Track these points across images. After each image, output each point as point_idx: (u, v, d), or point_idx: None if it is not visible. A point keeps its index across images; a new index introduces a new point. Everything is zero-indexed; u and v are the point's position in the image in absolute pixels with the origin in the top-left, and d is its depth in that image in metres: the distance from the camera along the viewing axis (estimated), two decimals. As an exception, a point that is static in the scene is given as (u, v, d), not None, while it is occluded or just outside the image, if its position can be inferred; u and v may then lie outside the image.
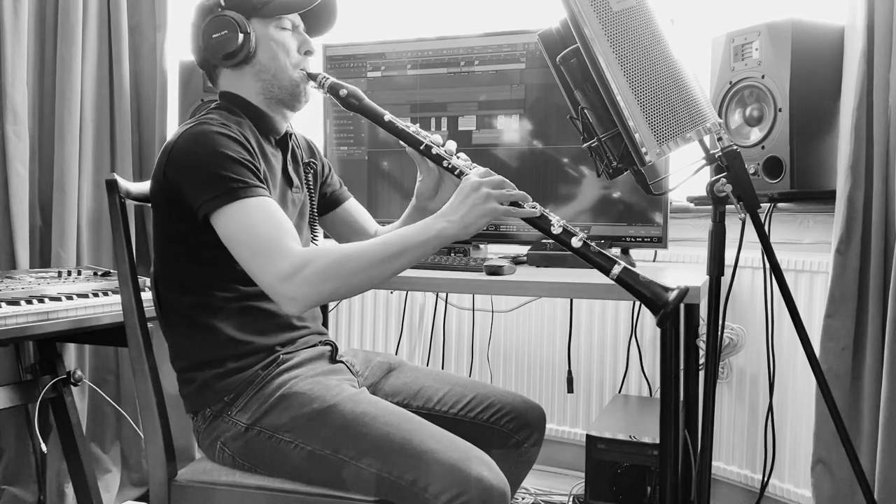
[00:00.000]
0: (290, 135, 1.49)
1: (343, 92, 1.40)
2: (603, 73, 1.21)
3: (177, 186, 1.26)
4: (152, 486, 1.36)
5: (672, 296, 1.18)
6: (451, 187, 1.46)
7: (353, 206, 1.66)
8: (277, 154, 1.44)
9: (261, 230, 1.22)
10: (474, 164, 1.35)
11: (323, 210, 1.62)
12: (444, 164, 1.36)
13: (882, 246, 1.70)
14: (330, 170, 1.66)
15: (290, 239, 1.23)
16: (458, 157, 1.37)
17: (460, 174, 1.33)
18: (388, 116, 1.40)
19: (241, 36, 1.34)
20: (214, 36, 1.35)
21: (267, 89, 1.39)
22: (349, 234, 1.65)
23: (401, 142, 1.40)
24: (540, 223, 1.26)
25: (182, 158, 1.27)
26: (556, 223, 1.25)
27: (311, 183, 1.54)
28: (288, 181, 1.44)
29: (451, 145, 1.40)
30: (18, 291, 1.65)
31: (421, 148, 1.38)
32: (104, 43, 2.35)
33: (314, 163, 1.57)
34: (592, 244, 1.23)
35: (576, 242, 1.23)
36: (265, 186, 1.28)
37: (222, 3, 1.36)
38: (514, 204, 1.25)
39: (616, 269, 1.21)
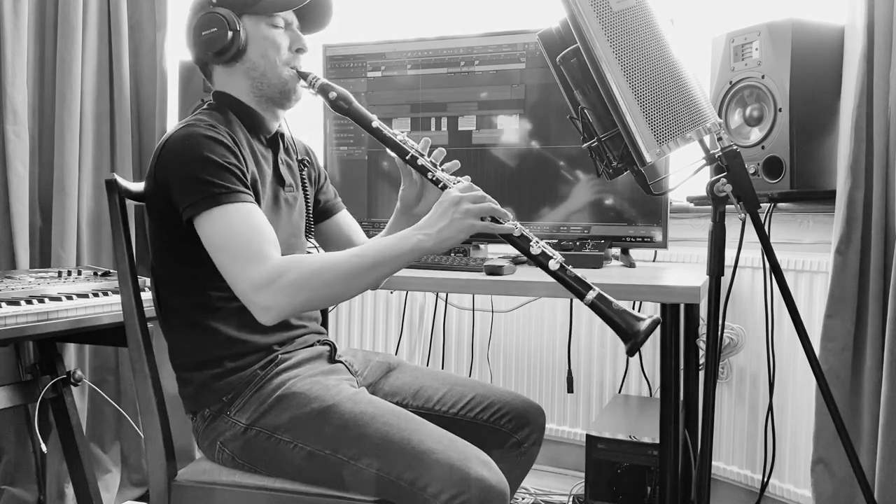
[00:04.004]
0: (282, 135, 1.48)
1: (333, 94, 1.38)
2: (603, 73, 1.21)
3: (166, 188, 1.27)
4: (152, 486, 1.36)
5: (643, 326, 1.18)
6: (435, 193, 1.44)
7: (345, 219, 1.65)
8: (268, 153, 1.44)
9: (239, 236, 1.21)
10: (458, 178, 1.34)
11: (315, 219, 1.60)
12: (429, 175, 1.35)
13: (882, 246, 1.70)
14: (326, 179, 1.65)
15: (269, 245, 1.23)
16: (442, 170, 1.36)
17: (444, 187, 1.32)
18: (375, 123, 1.39)
19: (230, 33, 1.33)
20: (204, 33, 1.34)
21: (257, 87, 1.38)
22: (337, 245, 1.63)
23: (388, 149, 1.40)
24: (519, 242, 1.25)
25: (169, 161, 1.27)
26: (535, 244, 1.24)
27: (306, 182, 1.54)
28: (280, 180, 1.44)
29: (439, 154, 1.39)
30: (18, 291, 1.65)
31: (406, 158, 1.37)
32: (104, 43, 2.35)
33: (308, 161, 1.56)
34: (569, 268, 1.23)
35: (553, 265, 1.22)
36: (249, 192, 1.27)
37: (213, 0, 1.35)
38: (494, 220, 1.24)
39: (591, 295, 1.21)
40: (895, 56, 1.65)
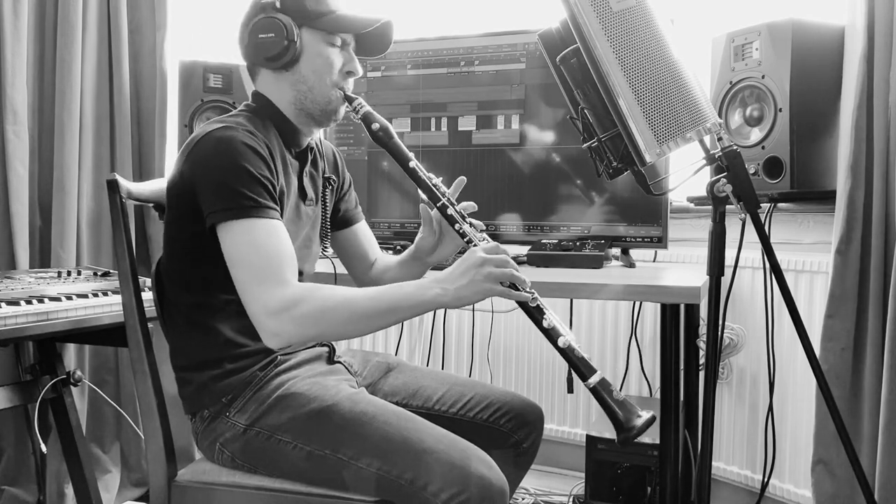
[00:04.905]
0: (311, 148, 1.48)
1: (375, 126, 1.38)
2: (603, 73, 1.21)
3: (192, 187, 1.26)
4: (152, 487, 1.35)
5: (639, 422, 1.19)
6: (449, 245, 1.47)
7: (362, 231, 1.64)
8: (296, 164, 1.43)
9: (261, 252, 1.21)
10: (484, 235, 1.34)
11: (333, 227, 1.59)
12: (456, 227, 1.35)
13: (882, 246, 1.70)
14: (350, 186, 1.64)
15: (289, 269, 1.22)
16: (470, 224, 1.35)
17: (469, 241, 1.32)
18: (412, 163, 1.37)
19: (286, 42, 1.32)
20: (261, 36, 1.33)
21: (300, 100, 1.37)
22: (350, 256, 1.63)
23: (420, 192, 1.39)
24: (533, 312, 1.26)
25: (202, 161, 1.26)
26: (549, 318, 1.25)
27: (326, 198, 1.53)
28: (302, 194, 1.44)
29: (470, 207, 1.39)
30: (18, 291, 1.65)
31: (438, 205, 1.36)
32: (104, 43, 2.35)
33: (334, 179, 1.55)
34: (577, 349, 1.24)
35: (562, 342, 1.23)
36: (277, 208, 1.26)
37: (277, 5, 1.34)
38: (513, 286, 1.24)
39: (594, 379, 1.21)
40: (895, 56, 1.65)
